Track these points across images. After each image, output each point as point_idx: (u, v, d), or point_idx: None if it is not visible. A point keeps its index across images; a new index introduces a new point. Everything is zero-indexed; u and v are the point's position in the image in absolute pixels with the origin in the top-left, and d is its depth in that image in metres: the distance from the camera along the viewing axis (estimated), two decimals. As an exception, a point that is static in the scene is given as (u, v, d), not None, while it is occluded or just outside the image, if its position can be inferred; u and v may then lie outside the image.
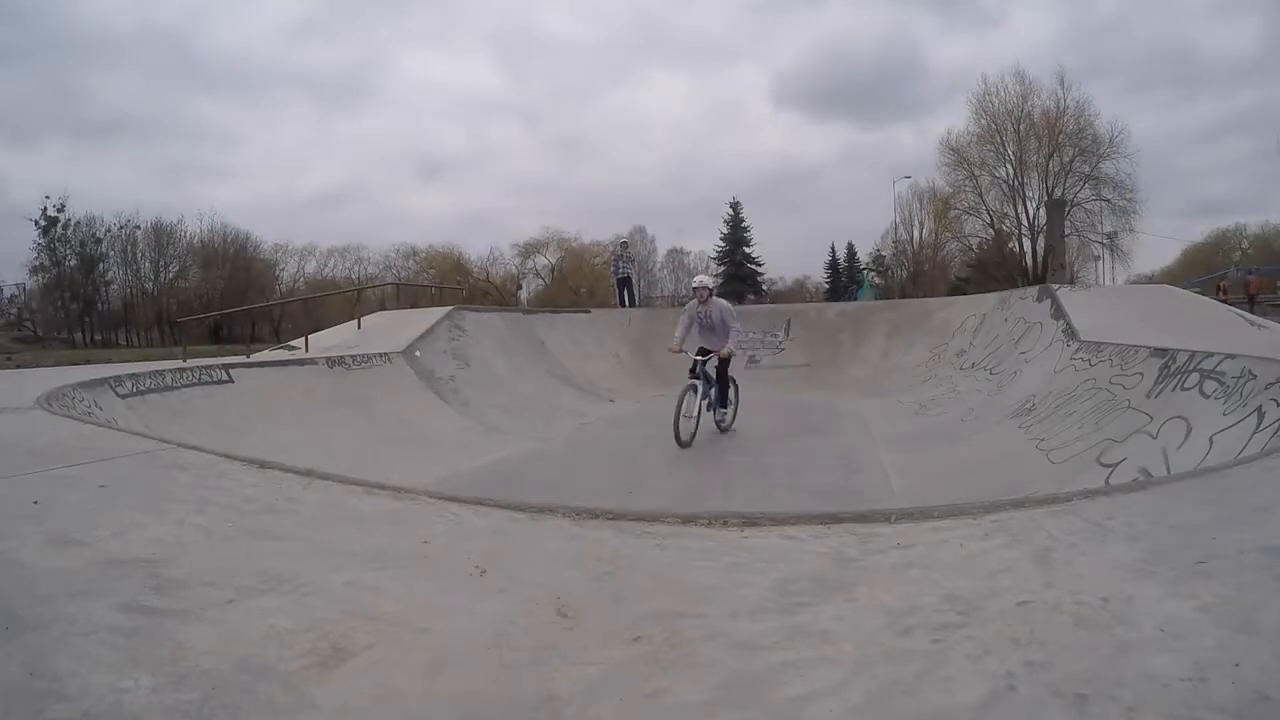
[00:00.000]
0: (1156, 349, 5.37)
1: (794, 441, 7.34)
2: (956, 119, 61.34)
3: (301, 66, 63.28)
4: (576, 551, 1.67)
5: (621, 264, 18.14)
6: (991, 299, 12.13)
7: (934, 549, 1.58)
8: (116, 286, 41.22)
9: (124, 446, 2.70)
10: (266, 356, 8.73)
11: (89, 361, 13.41)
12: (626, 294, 17.55)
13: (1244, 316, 8.46)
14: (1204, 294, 14.30)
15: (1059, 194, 32.57)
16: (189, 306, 37.63)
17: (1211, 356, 4.55)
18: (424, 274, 42.87)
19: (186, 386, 6.12)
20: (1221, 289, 24.36)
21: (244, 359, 8.07)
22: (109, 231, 40.01)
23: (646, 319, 15.68)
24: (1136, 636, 1.10)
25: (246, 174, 61.89)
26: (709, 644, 1.17)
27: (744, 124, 70.99)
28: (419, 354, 9.43)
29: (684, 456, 6.38)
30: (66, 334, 38.40)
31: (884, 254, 43.90)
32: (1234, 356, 4.35)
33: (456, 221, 66.33)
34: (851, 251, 48.02)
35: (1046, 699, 0.95)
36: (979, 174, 36.02)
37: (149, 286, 41.49)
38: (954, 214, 37.94)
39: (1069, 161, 33.69)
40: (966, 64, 66.17)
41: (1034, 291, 10.45)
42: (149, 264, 41.55)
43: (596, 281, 42.09)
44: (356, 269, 45.29)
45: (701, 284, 7.60)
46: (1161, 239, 60.77)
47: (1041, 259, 32.52)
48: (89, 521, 1.74)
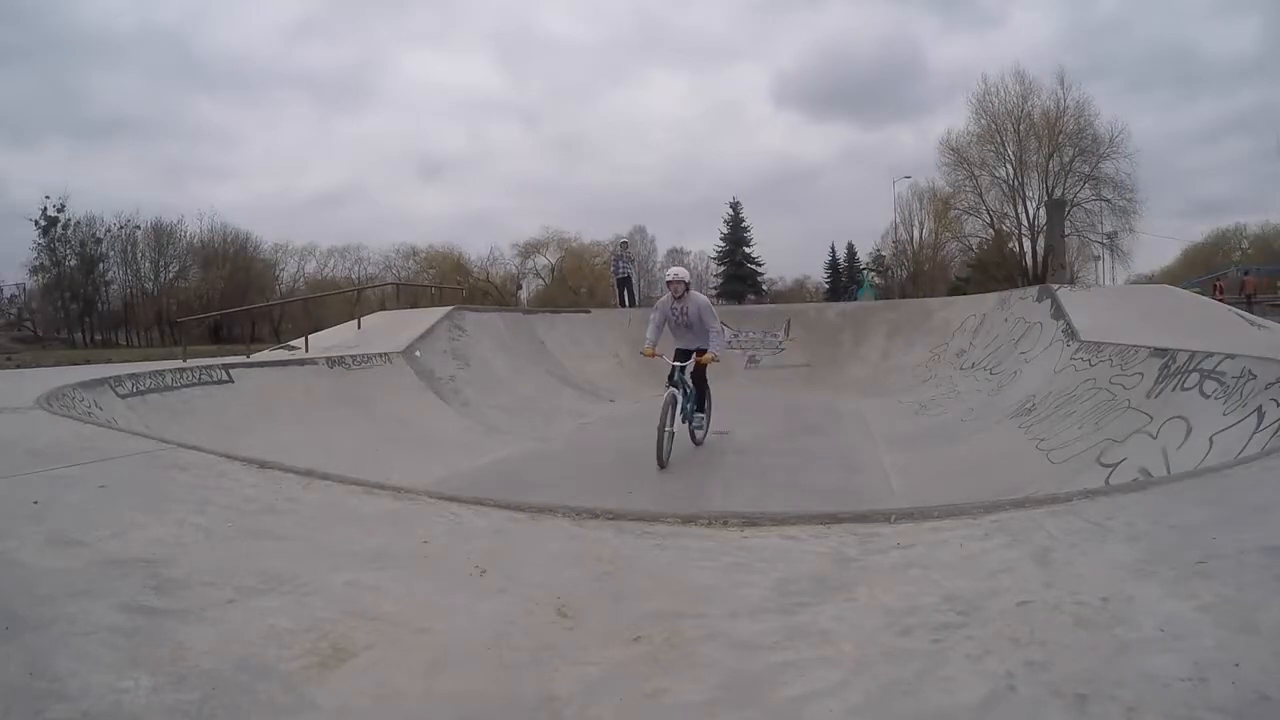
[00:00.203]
0: (1156, 349, 5.37)
1: (794, 441, 7.33)
2: (956, 119, 61.41)
3: (301, 66, 63.36)
4: (576, 551, 1.67)
5: (621, 264, 18.15)
6: (991, 299, 12.13)
7: (934, 549, 1.58)
8: (116, 286, 41.23)
9: (124, 446, 2.70)
10: (266, 356, 8.73)
11: (89, 361, 13.41)
12: (626, 294, 17.55)
13: (1244, 316, 8.46)
14: (1202, 294, 14.29)
15: (1059, 194, 32.57)
16: (189, 306, 37.63)
17: (1211, 356, 4.55)
18: (424, 274, 42.88)
19: (186, 386, 6.12)
20: (1218, 289, 24.38)
21: (244, 359, 8.07)
22: (109, 231, 40.04)
23: (646, 319, 15.66)
24: (1136, 636, 1.10)
25: (246, 174, 61.93)
26: (709, 644, 1.17)
27: (744, 124, 71.08)
28: (419, 354, 9.43)
29: (684, 457, 6.38)
30: (66, 334, 38.40)
31: (884, 254, 43.91)
32: (1234, 356, 4.36)
33: (456, 221, 66.40)
34: (851, 251, 48.06)
35: (1046, 699, 0.95)
36: (979, 174, 36.04)
37: (149, 286, 41.50)
38: (954, 214, 37.95)
39: (1069, 161, 33.70)
40: (966, 64, 66.24)
41: (1034, 291, 10.45)
42: (149, 264, 41.56)
43: (596, 281, 42.10)
44: (356, 269, 45.33)
45: (678, 276, 6.70)
46: (1161, 239, 60.82)
47: (1041, 259, 32.52)
48: (89, 521, 1.74)
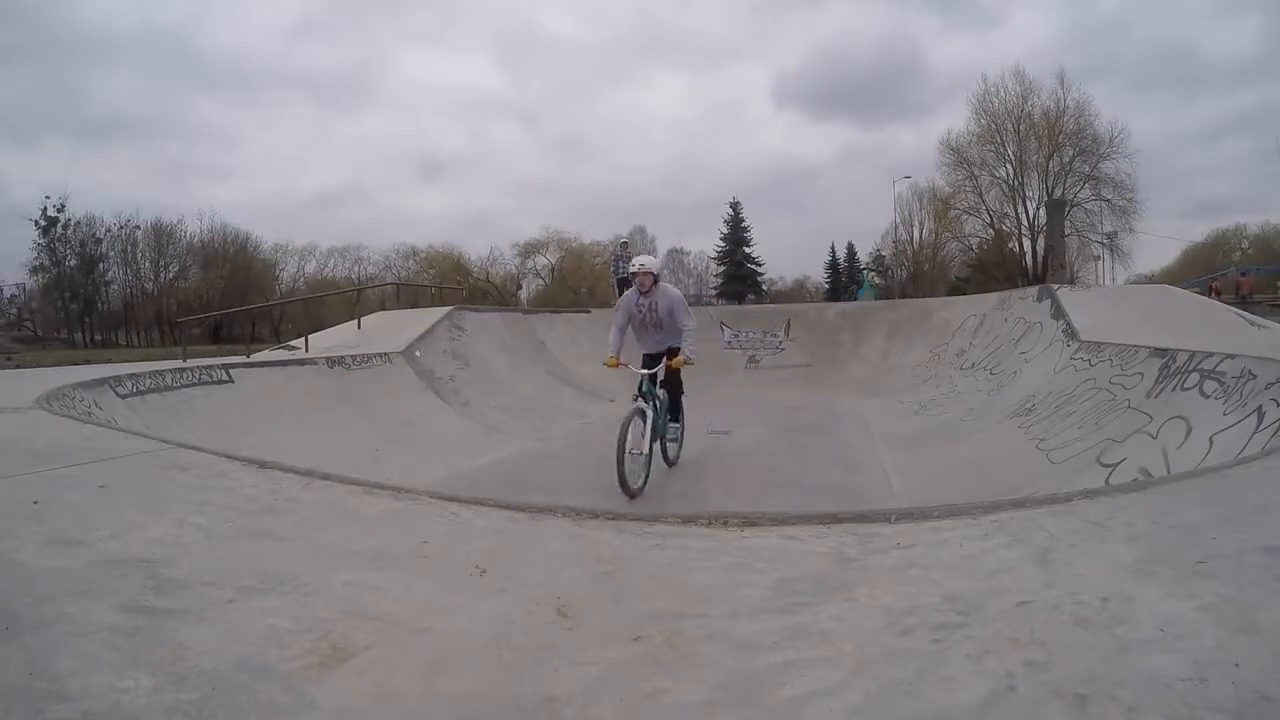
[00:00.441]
0: (1156, 349, 5.37)
1: (794, 441, 7.33)
2: (956, 119, 61.35)
3: (301, 66, 63.31)
4: (576, 551, 1.67)
5: (621, 264, 18.13)
6: (991, 299, 12.14)
7: (934, 549, 1.58)
8: (116, 286, 41.22)
9: (124, 446, 2.70)
10: (266, 356, 8.73)
11: (89, 361, 13.41)
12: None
13: (1244, 316, 8.46)
14: (1200, 295, 14.31)
15: (1059, 194, 32.56)
16: (189, 306, 37.61)
17: (1211, 356, 4.55)
18: (424, 274, 42.86)
19: (186, 386, 6.12)
20: (1215, 289, 24.43)
21: (244, 359, 8.07)
22: (109, 231, 40.00)
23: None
24: (1136, 636, 1.10)
25: (246, 174, 61.88)
26: (709, 644, 1.17)
27: (744, 124, 71.01)
28: (419, 354, 9.43)
29: (684, 457, 6.36)
30: (66, 334, 38.40)
31: (884, 254, 43.89)
32: (1234, 356, 4.36)
33: (456, 221, 66.32)
34: (851, 251, 48.03)
35: (1046, 699, 0.95)
36: (979, 174, 36.01)
37: (149, 286, 41.48)
38: (954, 214, 37.92)
39: (1069, 161, 33.68)
40: (967, 64, 66.08)
41: (1034, 291, 10.45)
42: (149, 264, 41.54)
43: (596, 281, 42.08)
44: (356, 269, 45.31)
45: (644, 267, 5.60)
46: (1161, 239, 60.76)
47: (1041, 259, 32.51)
48: (89, 521, 1.74)
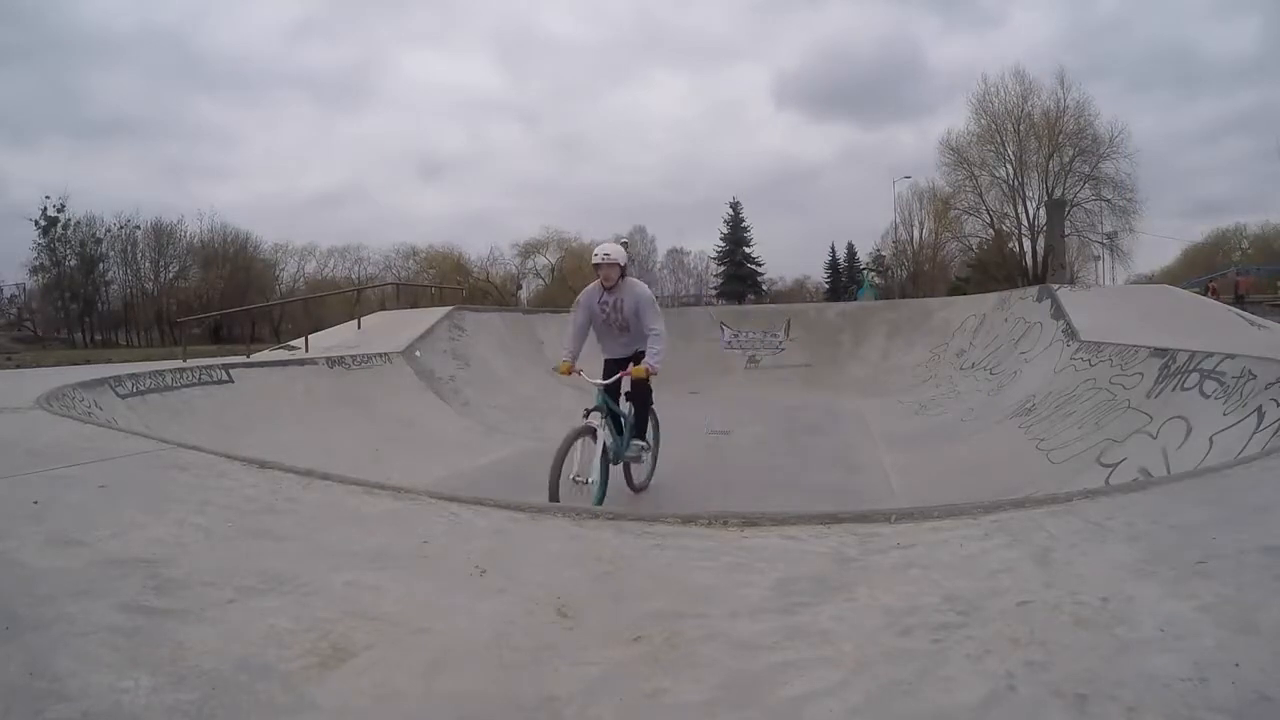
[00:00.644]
0: (1156, 349, 5.37)
1: (794, 441, 7.33)
2: (957, 119, 61.41)
3: (301, 66, 63.40)
4: (576, 551, 1.67)
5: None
6: (991, 299, 12.14)
7: (934, 549, 1.58)
8: (116, 286, 41.24)
9: (124, 446, 2.70)
10: (266, 356, 8.73)
11: (89, 361, 13.41)
12: (626, 294, 17.54)
13: (1244, 316, 8.46)
14: (1198, 295, 14.31)
15: (1059, 194, 32.57)
16: (189, 306, 37.62)
17: (1211, 356, 4.55)
18: (424, 274, 42.88)
19: (186, 386, 6.12)
20: (1212, 289, 24.47)
21: (244, 359, 8.08)
22: (109, 231, 40.03)
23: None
24: (1136, 636, 1.10)
25: (246, 174, 61.96)
26: (709, 644, 1.17)
27: (744, 124, 71.07)
28: (419, 354, 9.43)
29: (684, 457, 6.35)
30: (66, 334, 38.40)
31: (884, 254, 43.90)
32: (1234, 356, 4.36)
33: (456, 221, 66.42)
34: (851, 251, 48.06)
35: (1046, 699, 0.95)
36: (979, 174, 36.03)
37: (149, 286, 41.50)
38: (954, 214, 37.93)
39: (1069, 161, 33.69)
40: (967, 64, 66.18)
41: (1034, 291, 10.46)
42: (149, 264, 41.56)
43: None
44: (356, 269, 45.35)
45: (608, 257, 4.69)
46: (1161, 239, 60.78)
47: (1041, 259, 32.52)
48: (89, 521, 1.74)
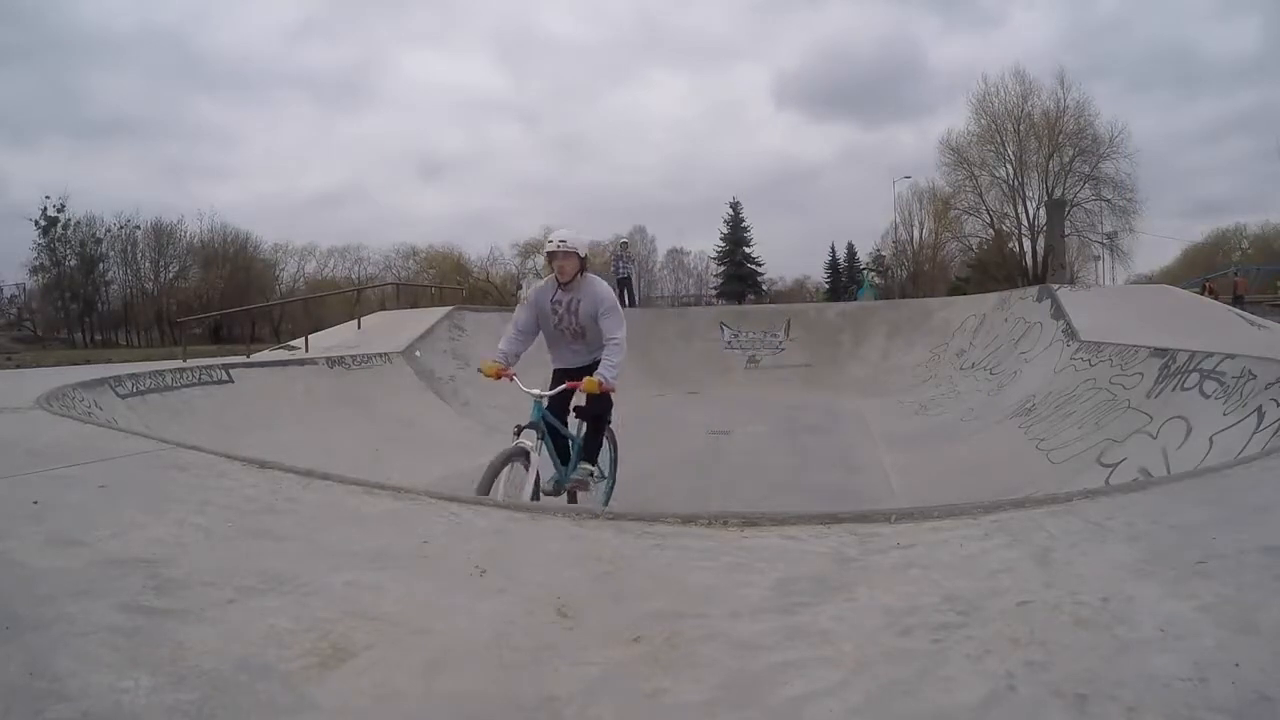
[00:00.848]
0: (1156, 349, 5.37)
1: (794, 441, 7.33)
2: (957, 119, 61.36)
3: (301, 66, 63.43)
4: (576, 551, 1.67)
5: (621, 264, 18.18)
6: (991, 299, 12.14)
7: (934, 549, 1.58)
8: (116, 286, 41.24)
9: (124, 446, 2.70)
10: (266, 356, 8.73)
11: (89, 361, 13.41)
12: (626, 294, 17.58)
13: (1244, 316, 8.46)
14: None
15: (1059, 194, 32.58)
16: (189, 306, 37.61)
17: (1211, 356, 4.55)
18: (424, 274, 42.89)
19: (186, 386, 6.12)
20: (1210, 290, 24.51)
21: (244, 359, 8.08)
22: (109, 231, 40.03)
23: (646, 319, 15.68)
24: (1136, 636, 1.10)
25: (246, 174, 62.00)
26: (709, 644, 1.16)
27: (744, 124, 71.12)
28: (419, 354, 9.43)
29: (684, 457, 6.35)
30: (66, 334, 38.39)
31: (884, 254, 43.91)
32: (1234, 356, 4.35)
33: (456, 221, 66.49)
34: (851, 251, 48.07)
35: (1046, 699, 0.95)
36: (979, 174, 36.04)
37: (149, 286, 41.50)
38: (954, 214, 37.95)
39: (1069, 161, 33.71)
40: (967, 64, 66.21)
41: (1034, 291, 10.45)
42: (149, 264, 41.57)
43: (597, 281, 42.01)
44: (356, 269, 45.36)
45: (565, 245, 3.87)
46: (1161, 239, 60.75)
47: (1041, 259, 32.52)
48: (89, 521, 1.74)
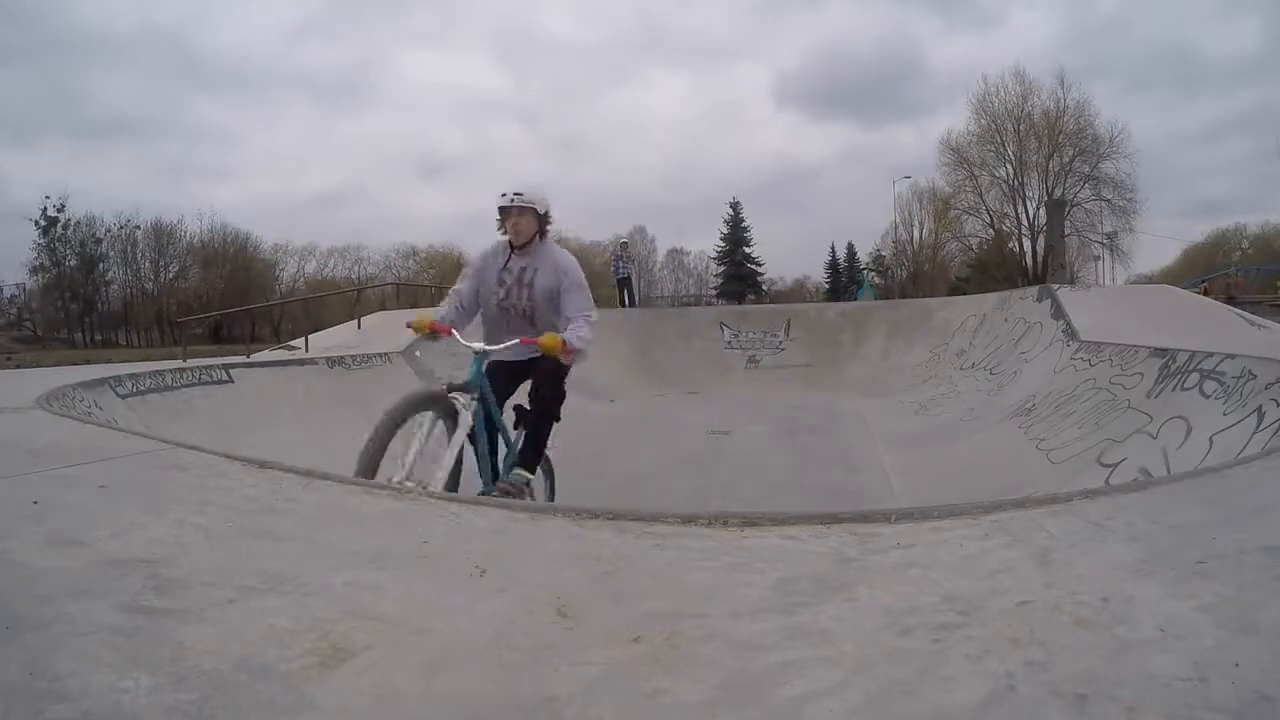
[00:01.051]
0: (1156, 349, 5.36)
1: (794, 441, 7.33)
2: (957, 119, 61.32)
3: (301, 66, 63.52)
4: (576, 551, 1.66)
5: (621, 264, 18.19)
6: (991, 299, 12.14)
7: (934, 549, 1.58)
8: (116, 286, 41.26)
9: (124, 446, 2.70)
10: (266, 356, 8.73)
11: (89, 361, 13.41)
12: (626, 294, 17.58)
13: (1244, 316, 8.46)
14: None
15: (1059, 194, 32.59)
16: (189, 306, 37.61)
17: (1211, 356, 4.55)
18: (424, 274, 42.87)
19: (186, 386, 6.12)
20: (1207, 290, 24.54)
21: (244, 359, 8.08)
22: (109, 231, 40.04)
23: (646, 319, 15.67)
24: (1136, 636, 1.10)
25: (246, 174, 62.08)
26: (709, 644, 1.16)
27: (744, 124, 71.22)
28: (419, 354, 9.42)
29: (684, 457, 6.36)
30: (66, 334, 38.39)
31: (884, 254, 43.92)
32: (1234, 356, 4.35)
33: (456, 221, 66.45)
34: (851, 251, 48.10)
35: (1046, 699, 0.95)
36: (979, 174, 36.06)
37: (149, 286, 41.51)
38: (954, 214, 37.97)
39: (1069, 161, 33.72)
40: (967, 64, 66.33)
41: (1034, 291, 10.46)
42: (149, 264, 41.59)
43: (596, 281, 42.03)
44: (356, 269, 45.39)
45: (519, 200, 3.32)
46: (1161, 239, 60.68)
47: (1041, 259, 32.52)
48: (89, 521, 1.74)
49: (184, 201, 66.21)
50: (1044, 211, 33.32)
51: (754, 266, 46.13)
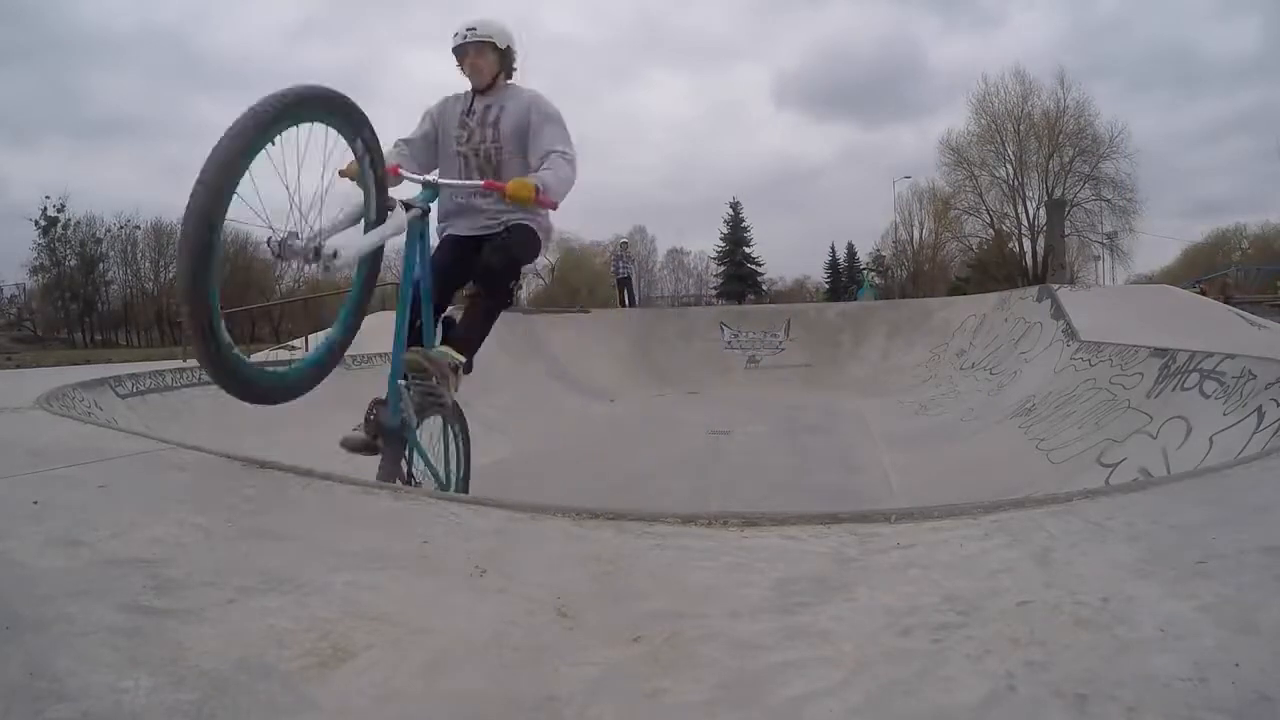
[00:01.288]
0: (1156, 349, 5.36)
1: (794, 441, 7.33)
2: (957, 119, 61.33)
3: (302, 67, 63.38)
4: (576, 551, 1.66)
5: (621, 264, 18.21)
6: (991, 299, 12.15)
7: (934, 549, 1.58)
8: (116, 286, 41.31)
9: (124, 446, 2.70)
10: (267, 357, 8.73)
11: (89, 361, 13.41)
12: (626, 294, 17.59)
13: (1244, 316, 8.47)
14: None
15: (1059, 194, 32.62)
16: (189, 307, 37.54)
17: (1211, 356, 4.55)
18: (424, 274, 42.77)
19: (186, 386, 6.11)
20: (1204, 291, 24.56)
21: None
22: (109, 231, 40.10)
23: (646, 319, 15.67)
24: (1136, 636, 1.10)
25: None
26: (709, 644, 1.16)
27: (745, 124, 71.34)
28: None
29: (684, 457, 6.35)
30: (66, 334, 38.42)
31: (884, 254, 43.94)
32: (1234, 356, 4.35)
33: (456, 221, 66.31)
34: (851, 251, 48.15)
35: (1046, 699, 0.95)
36: (979, 174, 36.09)
37: (149, 286, 41.52)
38: (954, 214, 37.99)
39: (1069, 161, 33.75)
40: (967, 64, 66.34)
41: (1034, 291, 10.46)
42: (149, 264, 41.60)
43: (596, 281, 42.09)
44: (356, 269, 45.26)
45: (473, 35, 2.97)
46: (1161, 239, 60.67)
47: (1041, 259, 32.54)
48: (89, 521, 1.74)
49: (184, 201, 66.09)
50: (1044, 211, 33.36)
51: (754, 266, 46.16)
